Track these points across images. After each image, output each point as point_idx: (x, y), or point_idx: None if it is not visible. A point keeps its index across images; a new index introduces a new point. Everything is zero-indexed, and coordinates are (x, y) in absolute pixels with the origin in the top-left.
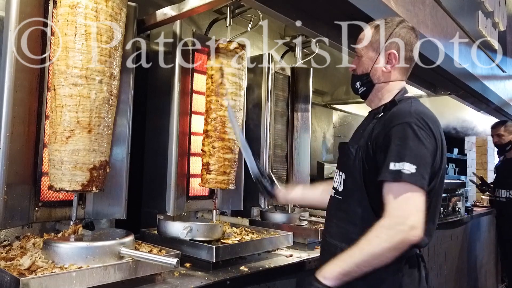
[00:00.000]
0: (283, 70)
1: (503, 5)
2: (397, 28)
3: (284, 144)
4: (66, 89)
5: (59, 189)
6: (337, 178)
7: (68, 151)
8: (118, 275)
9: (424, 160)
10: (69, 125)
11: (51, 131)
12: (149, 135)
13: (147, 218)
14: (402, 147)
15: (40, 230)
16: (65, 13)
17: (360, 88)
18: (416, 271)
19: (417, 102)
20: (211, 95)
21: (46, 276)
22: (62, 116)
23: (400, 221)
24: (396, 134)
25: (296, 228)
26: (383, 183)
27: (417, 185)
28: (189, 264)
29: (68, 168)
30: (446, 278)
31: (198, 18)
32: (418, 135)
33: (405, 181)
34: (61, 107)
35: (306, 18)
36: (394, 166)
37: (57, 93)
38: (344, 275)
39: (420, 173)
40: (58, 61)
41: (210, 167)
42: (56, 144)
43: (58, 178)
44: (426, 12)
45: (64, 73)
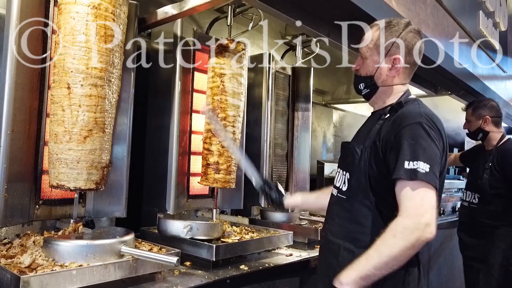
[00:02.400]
0: (284, 69)
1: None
2: (403, 32)
3: (285, 143)
4: (86, 89)
5: (74, 188)
6: (340, 178)
7: (86, 150)
8: (118, 274)
9: (436, 159)
10: (87, 125)
11: (62, 130)
12: (150, 133)
13: (147, 216)
14: (416, 147)
15: (40, 228)
16: (84, 13)
17: (364, 90)
18: (416, 269)
19: (423, 104)
20: (219, 93)
21: (46, 274)
22: (78, 116)
23: (416, 219)
24: (408, 134)
25: (296, 227)
26: (397, 181)
27: (431, 184)
28: (189, 263)
29: (85, 167)
30: (446, 278)
31: (199, 17)
32: (430, 135)
33: (420, 179)
34: (78, 107)
35: (307, 17)
36: (408, 165)
37: (72, 92)
38: (363, 279)
39: (433, 172)
40: (74, 60)
41: (220, 166)
42: (71, 143)
43: (73, 177)
44: (427, 12)
45: (83, 73)
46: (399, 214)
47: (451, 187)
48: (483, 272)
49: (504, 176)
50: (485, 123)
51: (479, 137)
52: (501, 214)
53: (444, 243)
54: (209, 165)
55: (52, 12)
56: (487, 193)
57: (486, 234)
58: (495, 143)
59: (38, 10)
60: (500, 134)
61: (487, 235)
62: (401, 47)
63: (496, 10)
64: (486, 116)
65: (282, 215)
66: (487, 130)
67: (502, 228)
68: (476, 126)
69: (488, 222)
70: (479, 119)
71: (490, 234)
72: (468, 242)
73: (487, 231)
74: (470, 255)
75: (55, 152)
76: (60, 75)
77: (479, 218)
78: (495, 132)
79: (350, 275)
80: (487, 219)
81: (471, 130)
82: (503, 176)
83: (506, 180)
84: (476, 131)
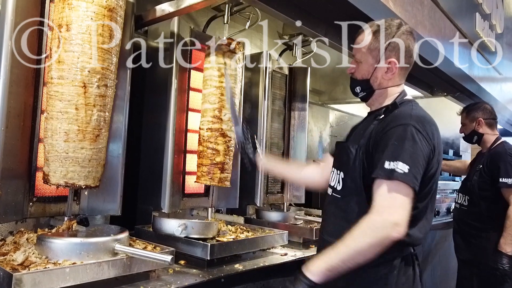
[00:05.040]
0: (281, 69)
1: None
2: (396, 34)
3: (281, 143)
4: (101, 89)
5: (84, 186)
6: (334, 177)
7: (96, 149)
8: (112, 272)
9: (418, 161)
10: (99, 124)
11: (75, 128)
12: (146, 131)
13: (142, 215)
14: (398, 147)
15: (34, 226)
16: (101, 14)
17: (360, 93)
18: (411, 270)
19: (418, 106)
20: (225, 93)
21: (39, 272)
22: (92, 115)
23: (385, 217)
24: (394, 135)
25: (291, 226)
26: (375, 179)
27: (408, 185)
28: (184, 262)
29: (94, 165)
30: (439, 279)
31: (196, 15)
32: (415, 137)
33: (396, 179)
34: (92, 106)
35: (304, 17)
36: (388, 165)
37: (87, 91)
38: (329, 271)
39: (412, 173)
40: (91, 60)
41: (225, 165)
42: (84, 142)
43: (83, 175)
44: (424, 13)
45: (99, 73)
46: (370, 211)
47: (446, 188)
48: (477, 275)
49: (491, 178)
50: (479, 125)
51: (474, 140)
52: (488, 217)
53: (439, 244)
54: (216, 165)
55: (48, 8)
56: (475, 195)
57: (476, 236)
58: (489, 145)
59: (34, 6)
60: (495, 136)
61: (477, 237)
62: (395, 49)
63: (492, 13)
64: (479, 118)
65: (278, 214)
66: (481, 132)
67: (491, 231)
68: (471, 128)
69: (476, 225)
70: (473, 122)
71: (479, 236)
72: (460, 244)
73: (476, 233)
74: (463, 257)
75: (65, 150)
76: (72, 73)
77: (468, 220)
78: (490, 134)
79: (318, 265)
80: (475, 222)
81: (466, 133)
82: (490, 178)
83: (493, 182)
84: (471, 134)
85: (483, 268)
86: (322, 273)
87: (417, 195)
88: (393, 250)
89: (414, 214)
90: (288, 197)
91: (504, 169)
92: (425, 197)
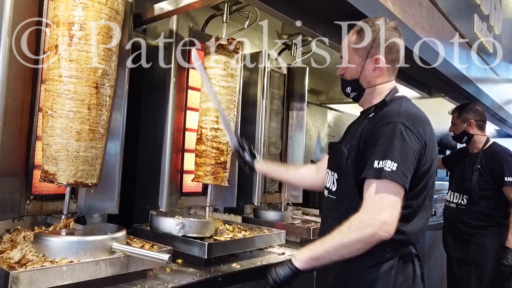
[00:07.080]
0: (279, 68)
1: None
2: (380, 31)
3: (279, 142)
4: (111, 90)
5: (91, 184)
6: (329, 178)
7: (101, 148)
8: (110, 270)
9: (407, 158)
10: (106, 124)
11: (86, 128)
12: (144, 130)
13: (140, 213)
14: (386, 146)
15: (31, 224)
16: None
17: (352, 93)
18: (410, 269)
19: (408, 102)
20: (229, 93)
21: (36, 270)
22: (102, 115)
23: (373, 215)
24: (383, 133)
25: (289, 226)
26: (365, 179)
27: (398, 183)
28: (181, 260)
29: (99, 163)
30: (436, 278)
31: (195, 14)
32: (403, 134)
33: (385, 178)
34: (102, 106)
35: (303, 16)
36: (377, 164)
37: (99, 92)
38: (313, 260)
39: (401, 170)
40: (103, 61)
41: (227, 165)
42: (93, 141)
43: (91, 174)
44: (422, 14)
45: (110, 75)
46: (359, 210)
47: (442, 188)
48: (474, 273)
49: (493, 178)
50: (470, 127)
51: (464, 140)
52: (490, 215)
53: (435, 244)
54: (220, 164)
55: (47, 5)
56: (476, 194)
57: (475, 235)
58: (481, 146)
59: (32, 3)
60: (485, 138)
61: (476, 236)
62: (380, 46)
63: (491, 14)
64: (470, 120)
65: (275, 214)
66: (472, 133)
67: (490, 229)
68: (461, 129)
69: (474, 223)
70: (464, 123)
71: (479, 235)
72: (455, 243)
73: (475, 232)
74: (458, 256)
75: (76, 149)
76: (83, 72)
77: (466, 219)
78: (480, 136)
79: (304, 253)
80: (474, 220)
81: (456, 133)
82: (492, 177)
83: (495, 181)
84: (461, 134)
85: (481, 265)
86: (306, 261)
87: (409, 193)
88: (390, 249)
89: (409, 212)
90: (286, 196)
91: (508, 169)
92: (419, 194)
